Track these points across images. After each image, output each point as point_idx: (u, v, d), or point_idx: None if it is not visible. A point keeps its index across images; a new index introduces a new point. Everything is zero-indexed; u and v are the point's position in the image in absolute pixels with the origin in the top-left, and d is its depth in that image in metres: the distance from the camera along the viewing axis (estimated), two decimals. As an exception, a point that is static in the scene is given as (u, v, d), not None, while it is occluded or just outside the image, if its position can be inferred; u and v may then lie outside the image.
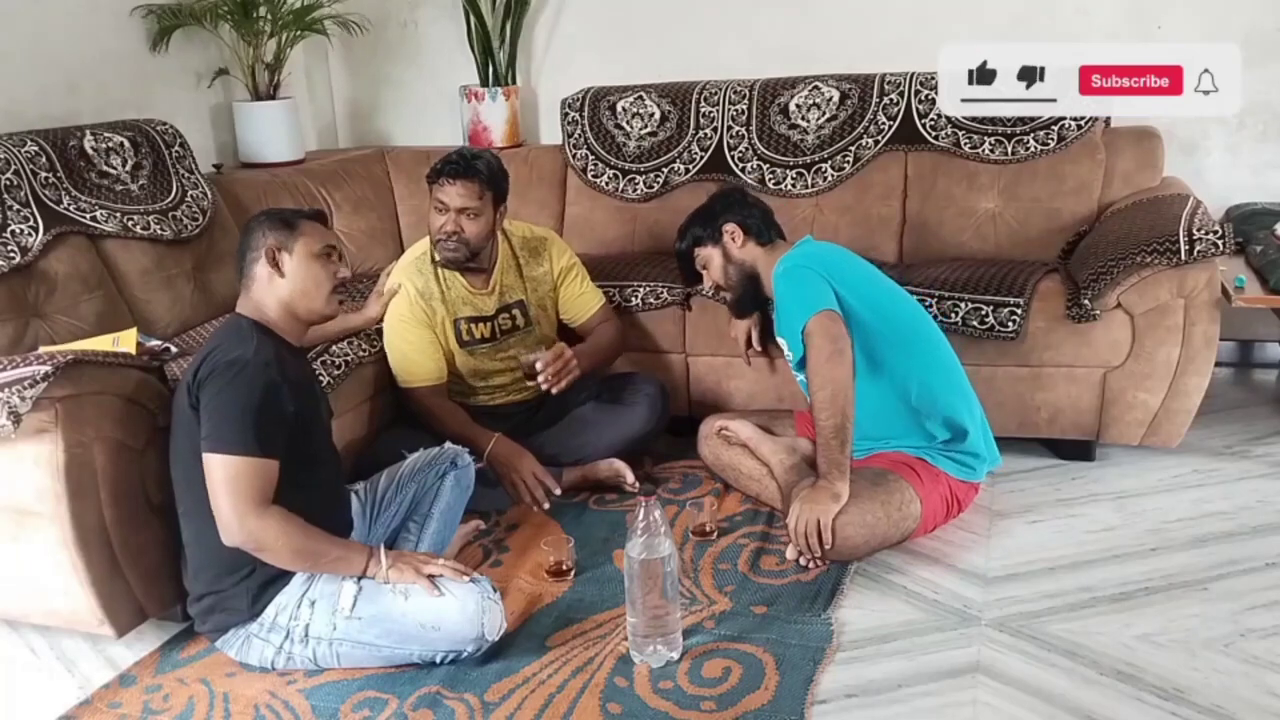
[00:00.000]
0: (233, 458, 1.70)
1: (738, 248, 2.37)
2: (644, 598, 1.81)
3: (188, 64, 3.27)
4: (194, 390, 1.75)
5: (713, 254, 2.41)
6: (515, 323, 2.55)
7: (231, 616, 1.83)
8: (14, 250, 2.30)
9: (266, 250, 1.87)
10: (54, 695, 1.88)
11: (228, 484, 1.70)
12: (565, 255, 2.65)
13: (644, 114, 3.27)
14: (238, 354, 1.75)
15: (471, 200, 2.38)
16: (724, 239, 2.38)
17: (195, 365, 1.79)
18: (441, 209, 2.40)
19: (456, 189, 2.37)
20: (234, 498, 1.69)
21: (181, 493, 1.85)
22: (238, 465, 1.70)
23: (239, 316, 1.89)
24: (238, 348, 1.77)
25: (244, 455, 1.70)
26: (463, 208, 2.38)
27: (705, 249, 2.42)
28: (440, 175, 2.39)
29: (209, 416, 1.72)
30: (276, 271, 1.87)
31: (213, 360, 1.75)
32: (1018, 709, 1.68)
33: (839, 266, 2.22)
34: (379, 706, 1.76)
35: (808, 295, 2.13)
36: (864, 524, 2.07)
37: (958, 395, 2.23)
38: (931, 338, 2.26)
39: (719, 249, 2.39)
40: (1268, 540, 2.17)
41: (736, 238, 2.36)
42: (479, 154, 2.44)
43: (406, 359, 2.46)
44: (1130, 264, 2.34)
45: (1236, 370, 3.27)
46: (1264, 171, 3.07)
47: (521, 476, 2.40)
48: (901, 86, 3.02)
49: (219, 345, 1.80)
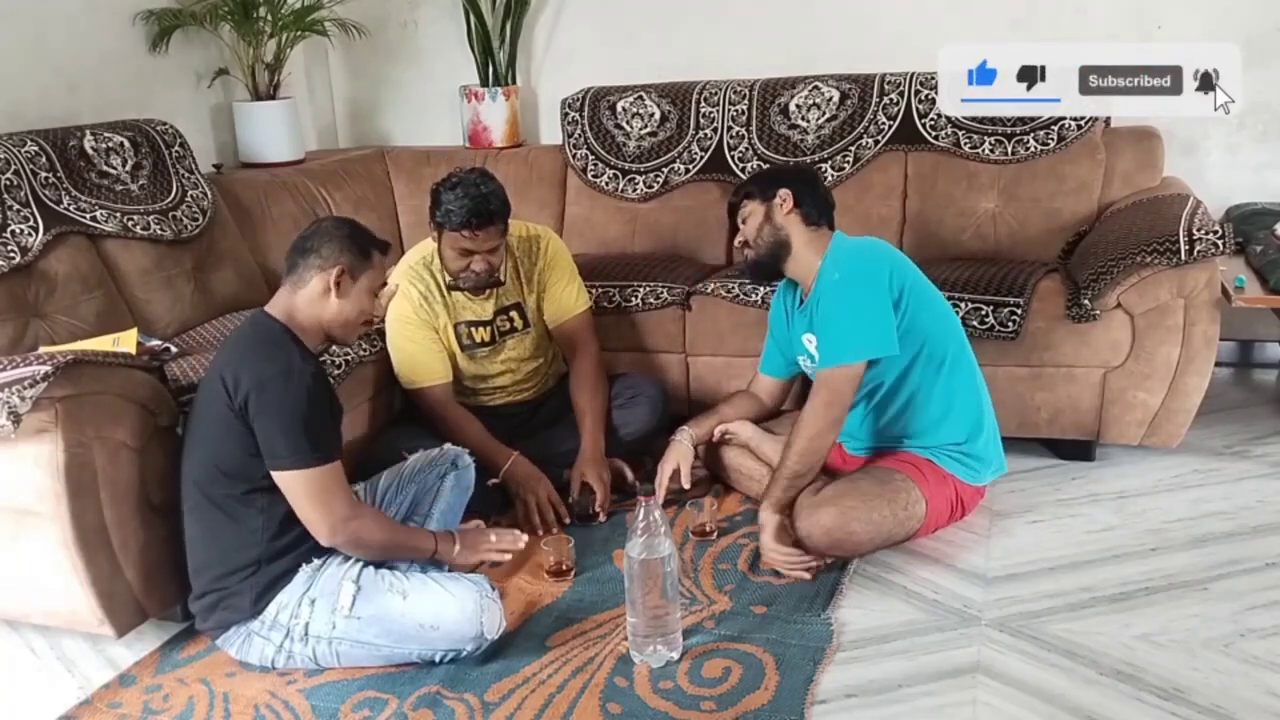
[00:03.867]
0: (310, 471, 1.73)
1: (782, 214, 2.27)
2: (644, 598, 1.81)
3: (188, 64, 3.27)
4: (236, 397, 1.73)
5: (756, 210, 2.30)
6: (513, 324, 2.55)
7: (234, 614, 1.83)
8: (14, 250, 2.30)
9: (338, 269, 1.84)
10: (54, 695, 1.88)
11: (314, 497, 1.75)
12: (555, 250, 2.59)
13: (644, 114, 3.27)
14: (284, 364, 1.74)
15: (496, 240, 2.37)
16: (774, 200, 2.28)
17: (233, 371, 1.75)
18: (466, 254, 2.36)
19: (484, 235, 2.33)
20: (325, 507, 1.76)
21: (190, 489, 1.84)
22: (317, 477, 1.74)
23: (270, 320, 1.85)
24: (282, 357, 1.76)
25: (319, 465, 1.74)
26: (490, 249, 2.36)
27: (753, 203, 2.31)
28: (463, 228, 2.30)
29: (274, 434, 1.73)
30: (336, 291, 1.84)
31: (258, 372, 1.73)
32: (1018, 709, 1.68)
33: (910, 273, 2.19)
34: (379, 706, 1.76)
35: (867, 333, 2.09)
36: (870, 521, 2.08)
37: (981, 397, 2.25)
38: (963, 339, 2.26)
39: (764, 207, 2.29)
40: (1268, 540, 2.17)
41: (786, 204, 2.26)
42: (488, 193, 2.32)
43: (413, 359, 2.46)
44: (1130, 264, 2.34)
45: (1236, 370, 3.26)
46: (1264, 171, 3.07)
47: (537, 500, 2.38)
48: (901, 86, 3.02)
49: (260, 354, 1.78)
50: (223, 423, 1.76)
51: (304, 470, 1.74)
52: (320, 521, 1.77)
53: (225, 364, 1.80)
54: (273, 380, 1.72)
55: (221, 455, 1.79)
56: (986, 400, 2.27)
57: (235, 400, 1.74)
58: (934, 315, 2.19)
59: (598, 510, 2.40)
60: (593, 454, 2.46)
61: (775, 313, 2.44)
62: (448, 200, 2.30)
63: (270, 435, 1.73)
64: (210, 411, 1.79)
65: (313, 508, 1.76)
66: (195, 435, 1.84)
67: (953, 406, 2.19)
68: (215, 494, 1.80)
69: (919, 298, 2.16)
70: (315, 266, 1.84)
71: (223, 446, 1.78)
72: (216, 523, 1.81)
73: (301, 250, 1.86)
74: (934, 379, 2.18)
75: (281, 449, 1.73)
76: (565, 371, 2.73)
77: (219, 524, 1.81)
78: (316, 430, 1.74)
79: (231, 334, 1.93)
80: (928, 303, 2.19)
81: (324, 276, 1.84)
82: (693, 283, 2.80)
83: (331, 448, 1.77)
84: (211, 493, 1.80)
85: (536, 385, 2.65)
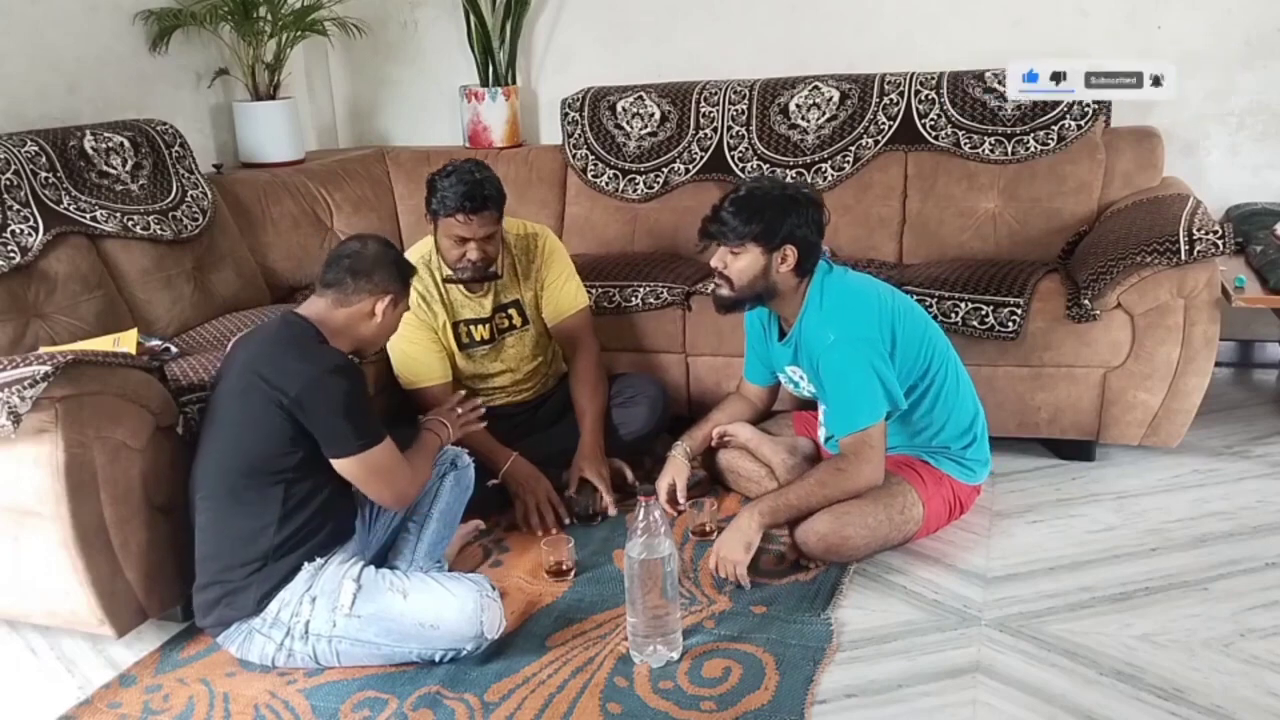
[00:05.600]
0: (369, 453, 1.82)
1: (779, 269, 2.11)
2: (644, 598, 1.81)
3: (188, 64, 3.27)
4: (287, 394, 1.77)
5: (755, 256, 2.11)
6: (512, 322, 2.55)
7: (236, 612, 1.83)
8: (14, 250, 2.30)
9: (390, 297, 1.94)
10: (54, 695, 1.88)
11: (379, 475, 1.86)
12: (552, 247, 2.59)
13: (644, 114, 3.27)
14: (332, 362, 1.83)
15: (491, 227, 2.36)
16: (776, 253, 2.10)
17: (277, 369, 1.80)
18: (461, 240, 2.35)
19: (479, 221, 2.33)
20: (391, 481, 1.89)
21: (207, 480, 1.85)
22: (376, 456, 1.84)
23: (304, 322, 1.90)
24: (325, 356, 1.84)
25: (374, 446, 1.83)
26: (486, 236, 2.36)
27: (754, 247, 2.10)
28: (458, 211, 2.30)
29: (335, 425, 1.80)
30: (379, 318, 1.94)
31: (308, 370, 1.79)
32: (1018, 709, 1.68)
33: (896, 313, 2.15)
34: (379, 706, 1.76)
35: (877, 394, 2.08)
36: (866, 526, 2.08)
37: (974, 401, 2.25)
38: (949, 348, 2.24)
39: (765, 259, 2.10)
40: (1268, 540, 2.17)
41: (788, 262, 2.10)
42: (482, 179, 2.32)
43: (414, 360, 2.46)
44: (1130, 264, 2.34)
45: (1236, 370, 3.26)
46: (1264, 171, 3.07)
47: (536, 500, 2.38)
48: (901, 86, 3.02)
49: (305, 354, 1.83)
50: (265, 417, 1.79)
51: (360, 455, 1.82)
52: (387, 492, 1.90)
53: (263, 362, 1.83)
54: (327, 377, 1.79)
55: (257, 449, 1.81)
56: (978, 402, 2.27)
57: (286, 397, 1.77)
58: (922, 345, 2.17)
59: (605, 506, 2.41)
60: (592, 451, 2.46)
61: (752, 328, 2.40)
62: (442, 187, 2.32)
63: (333, 428, 1.80)
64: (248, 406, 1.81)
65: (381, 483, 1.88)
66: (223, 428, 1.85)
67: (950, 417, 2.20)
68: (237, 484, 1.82)
69: (907, 335, 2.14)
70: (367, 291, 1.92)
71: (261, 440, 1.80)
72: (232, 513, 1.83)
73: (354, 271, 1.92)
74: (931, 400, 2.18)
75: (348, 438, 1.81)
76: (565, 372, 2.73)
77: (234, 514, 1.82)
78: (368, 416, 1.83)
79: (260, 333, 1.96)
80: (916, 336, 2.16)
81: (374, 300, 1.93)
82: (693, 283, 2.80)
83: (380, 428, 1.86)
84: (234, 483, 1.82)
85: (536, 385, 2.65)
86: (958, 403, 2.21)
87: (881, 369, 2.08)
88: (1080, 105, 2.85)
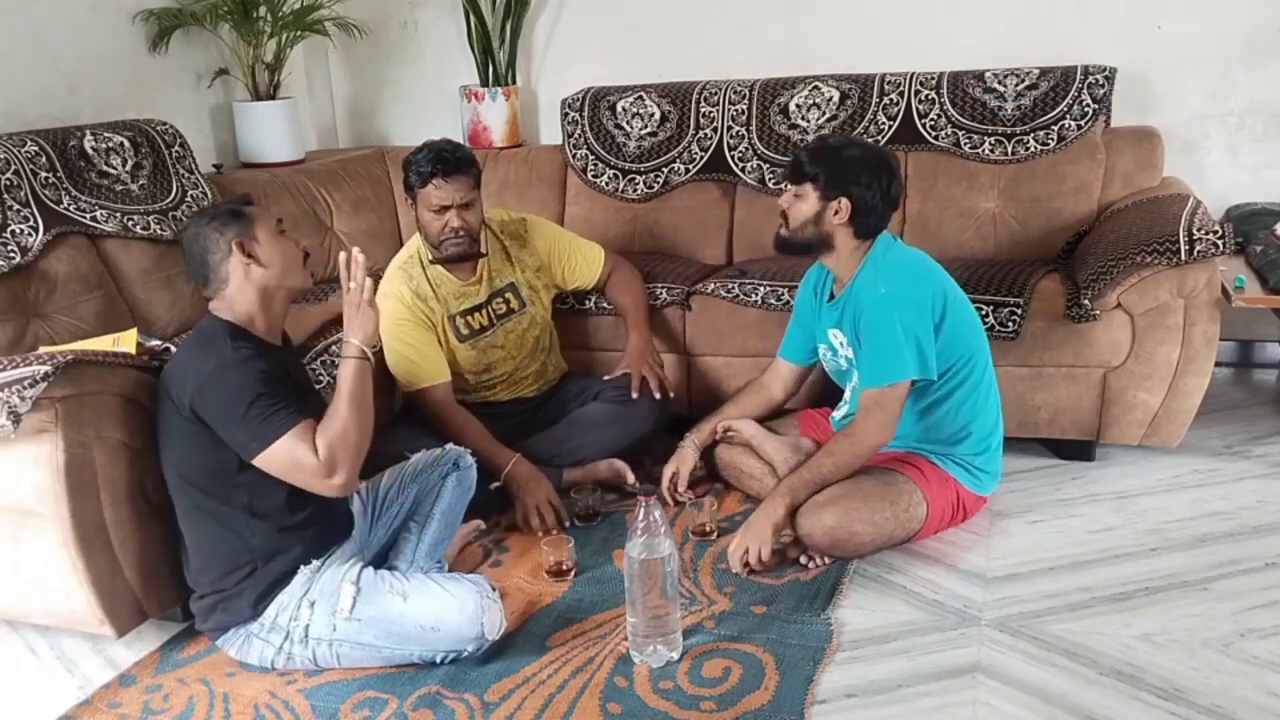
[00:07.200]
0: (267, 453, 1.72)
1: (833, 219, 2.13)
2: (644, 598, 1.81)
3: (188, 64, 3.27)
4: (183, 403, 1.75)
5: (811, 200, 2.14)
6: (510, 305, 2.56)
7: (233, 617, 1.84)
8: (14, 250, 2.30)
9: (236, 245, 1.82)
10: (54, 695, 1.88)
11: (293, 467, 1.73)
12: (547, 231, 2.66)
13: (644, 114, 3.27)
14: (215, 360, 1.75)
15: (469, 192, 2.40)
16: (830, 203, 2.12)
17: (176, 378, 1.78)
18: (440, 209, 2.39)
19: (453, 185, 2.37)
20: (306, 472, 1.73)
21: (178, 496, 1.85)
22: (285, 447, 1.72)
23: (212, 320, 1.85)
24: (211, 354, 1.77)
25: (271, 444, 1.72)
26: (464, 202, 2.39)
27: (813, 190, 2.14)
28: (433, 176, 2.36)
29: (230, 427, 1.73)
30: (255, 262, 1.83)
31: (194, 375, 1.75)
32: (1018, 709, 1.68)
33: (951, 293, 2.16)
34: (379, 706, 1.76)
35: (911, 355, 2.07)
36: (872, 523, 2.08)
37: (998, 414, 2.26)
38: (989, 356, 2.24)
39: (820, 204, 2.13)
40: (1268, 540, 2.17)
41: (840, 216, 2.12)
42: (454, 146, 2.42)
43: (411, 361, 2.45)
44: (1130, 264, 2.34)
45: (1236, 370, 3.26)
46: (1264, 171, 3.07)
47: (536, 501, 2.37)
48: (901, 86, 3.02)
49: (193, 357, 1.80)
50: (182, 430, 1.78)
51: (268, 450, 1.72)
52: (313, 482, 1.75)
53: (169, 377, 1.82)
54: (210, 378, 1.74)
55: (190, 461, 1.80)
56: (1001, 416, 2.27)
57: (184, 409, 1.75)
58: (969, 335, 2.18)
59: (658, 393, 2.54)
60: (641, 345, 2.60)
61: (803, 296, 2.40)
62: (416, 160, 2.40)
63: (229, 429, 1.74)
64: (165, 423, 1.81)
65: (298, 477, 1.75)
66: (164, 448, 1.85)
67: (974, 422, 2.20)
68: (195, 498, 1.81)
69: (957, 318, 2.15)
70: (218, 263, 1.83)
71: (192, 451, 1.79)
72: (204, 526, 1.83)
73: (198, 261, 1.85)
74: (961, 397, 2.18)
75: (243, 438, 1.73)
76: (567, 370, 2.73)
77: (207, 526, 1.82)
78: (263, 407, 1.72)
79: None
80: (965, 322, 2.18)
81: (232, 260, 1.83)
82: (693, 283, 2.80)
83: (284, 420, 1.73)
84: (193, 497, 1.82)
85: (537, 376, 2.65)
86: (984, 408, 2.21)
87: (921, 334, 2.08)
88: (1080, 105, 2.85)
